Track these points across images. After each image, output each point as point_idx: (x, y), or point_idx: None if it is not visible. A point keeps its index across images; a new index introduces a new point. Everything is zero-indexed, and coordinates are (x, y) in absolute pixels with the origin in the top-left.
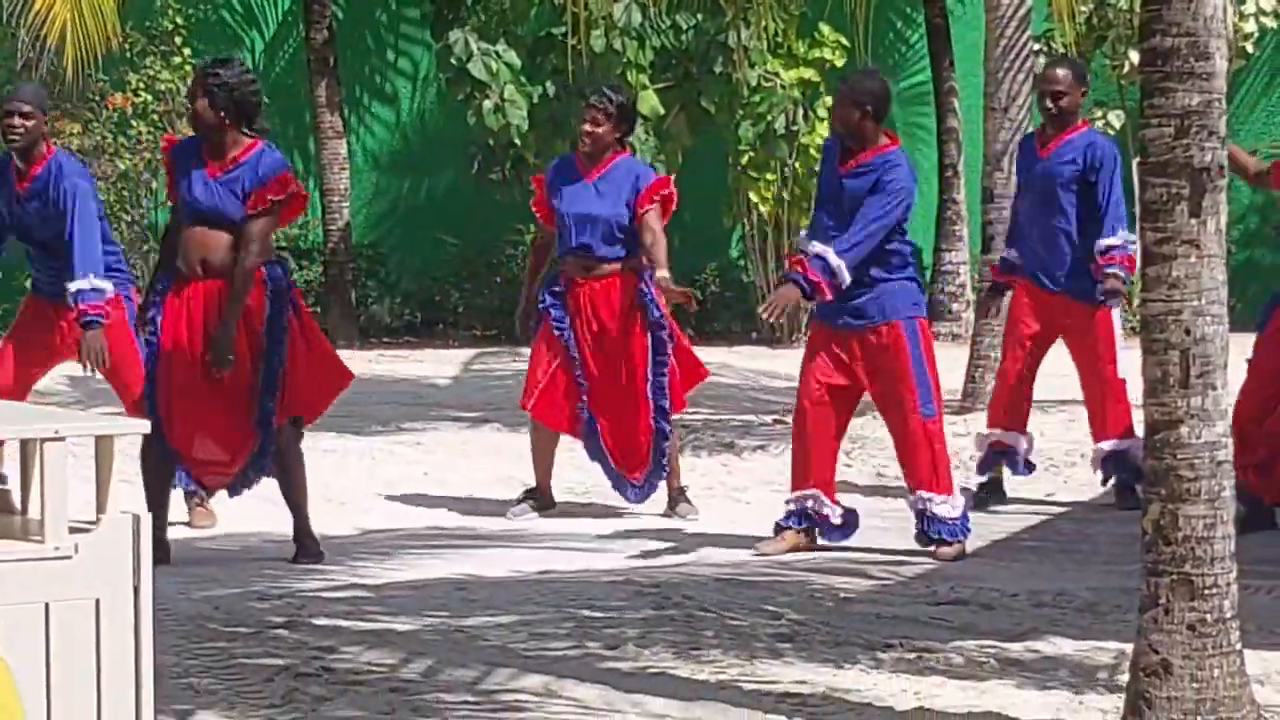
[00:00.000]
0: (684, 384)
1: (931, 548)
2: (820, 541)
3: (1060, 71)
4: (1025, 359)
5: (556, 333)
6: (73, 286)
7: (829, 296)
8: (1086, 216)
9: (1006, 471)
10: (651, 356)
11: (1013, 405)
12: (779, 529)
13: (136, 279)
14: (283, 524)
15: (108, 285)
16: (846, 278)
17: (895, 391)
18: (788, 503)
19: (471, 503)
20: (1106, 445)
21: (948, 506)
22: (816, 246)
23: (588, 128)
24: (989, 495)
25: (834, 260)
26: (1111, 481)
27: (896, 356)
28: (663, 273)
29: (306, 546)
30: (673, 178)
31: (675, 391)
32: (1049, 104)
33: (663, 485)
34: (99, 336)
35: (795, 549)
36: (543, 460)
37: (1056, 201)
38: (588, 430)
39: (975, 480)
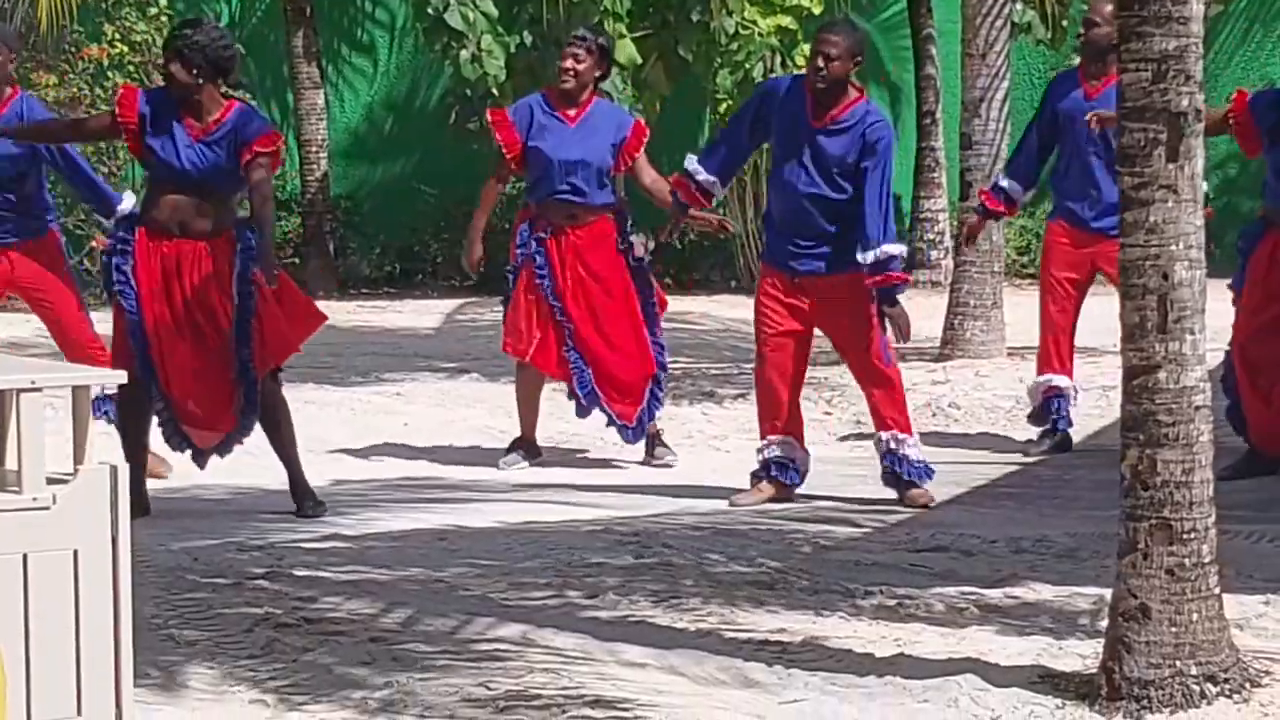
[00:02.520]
0: None
1: (898, 490)
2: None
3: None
4: (1067, 300)
5: (538, 280)
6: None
7: (908, 279)
8: None
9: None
10: (641, 298)
11: (1058, 348)
12: (754, 479)
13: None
14: (260, 475)
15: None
16: (902, 249)
17: (860, 336)
18: (759, 451)
19: (451, 453)
20: None
21: (915, 448)
22: (871, 255)
23: (570, 64)
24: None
25: (892, 250)
26: None
27: (861, 303)
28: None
29: (302, 498)
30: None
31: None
32: (1081, 31)
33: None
34: None
35: (772, 499)
36: (531, 407)
37: (1107, 145)
38: (579, 376)
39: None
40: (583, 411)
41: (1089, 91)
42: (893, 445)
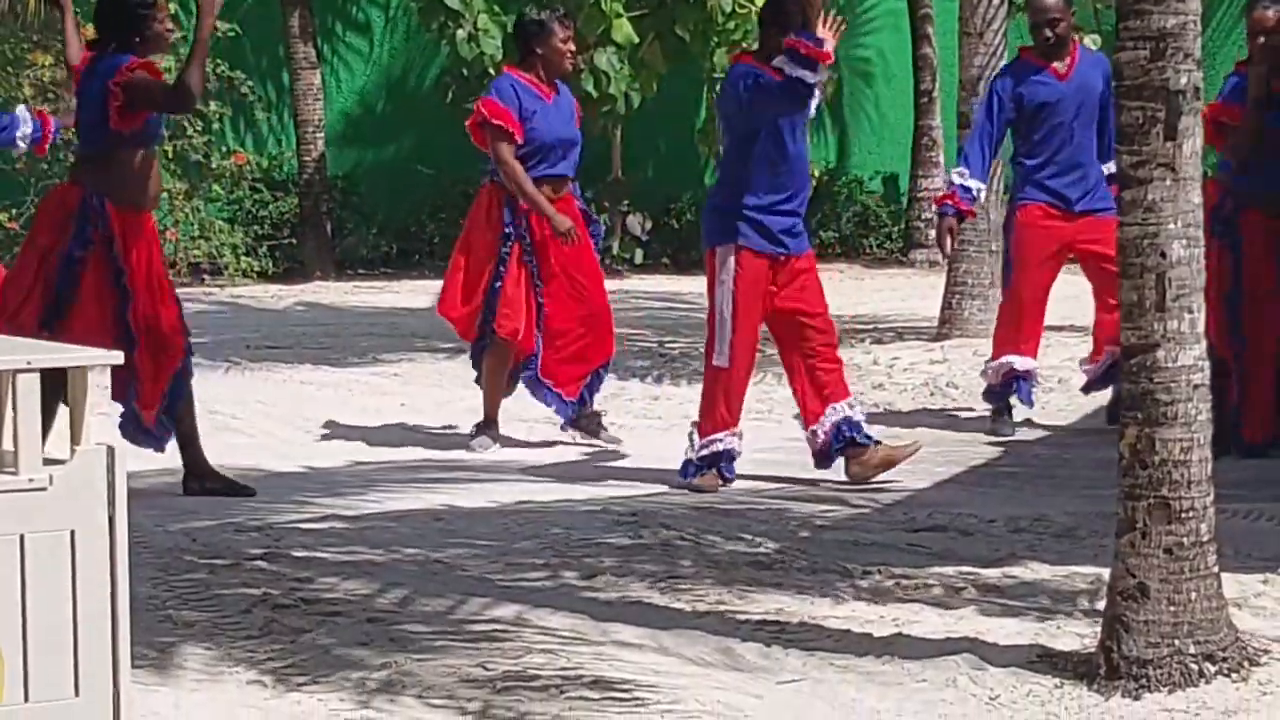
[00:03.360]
0: None
1: (860, 454)
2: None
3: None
4: (1046, 283)
5: (526, 259)
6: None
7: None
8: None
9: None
10: None
11: (1032, 330)
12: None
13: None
14: (256, 455)
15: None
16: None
17: (821, 308)
18: (713, 442)
19: (448, 434)
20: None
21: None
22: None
23: (574, 47)
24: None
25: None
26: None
27: (814, 276)
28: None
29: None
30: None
31: None
32: (1047, 32)
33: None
34: None
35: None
36: (501, 388)
37: (1090, 122)
38: (529, 359)
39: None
40: (511, 389)
41: (1059, 74)
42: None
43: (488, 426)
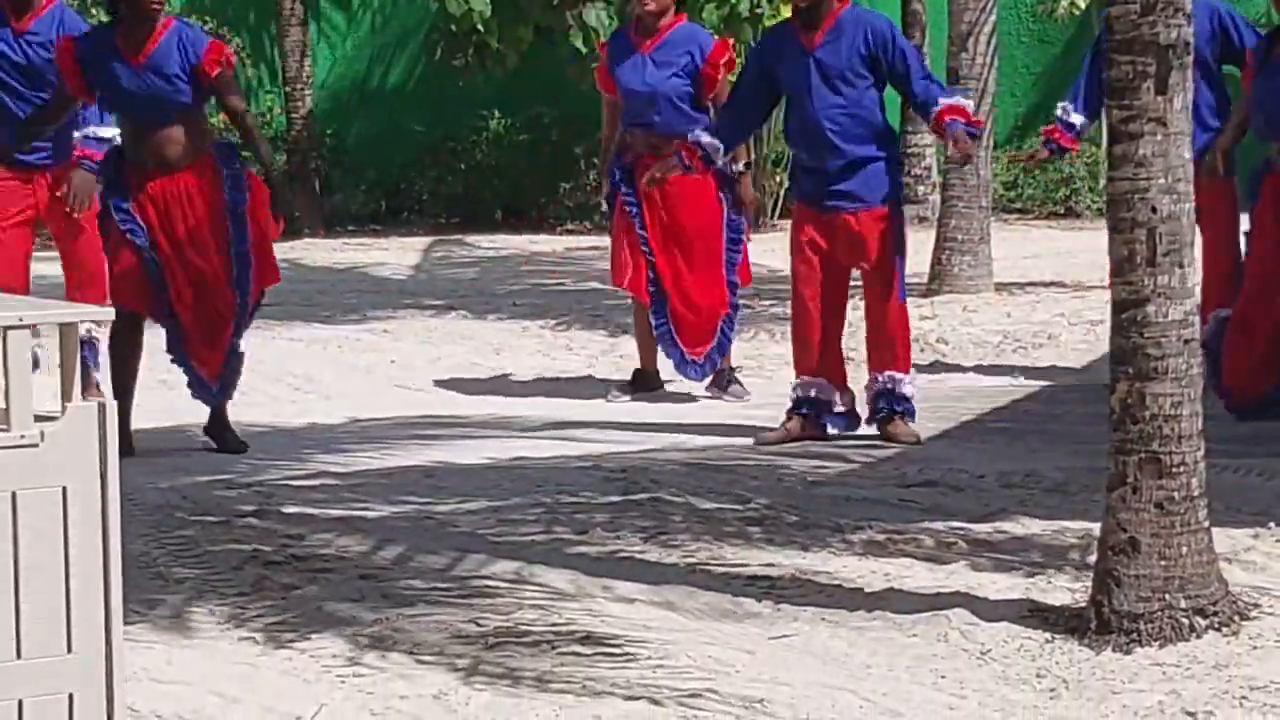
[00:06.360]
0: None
1: (889, 426)
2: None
3: None
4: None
5: (627, 208)
6: (78, 133)
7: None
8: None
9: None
10: (726, 233)
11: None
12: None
13: None
14: (248, 412)
15: (112, 133)
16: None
17: (881, 275)
18: (793, 389)
19: (439, 389)
20: None
21: (910, 385)
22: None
23: (652, 7)
24: None
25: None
26: None
27: (882, 240)
28: (740, 165)
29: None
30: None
31: (742, 270)
32: None
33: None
34: (90, 180)
35: (794, 438)
36: (645, 341)
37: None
38: (657, 306)
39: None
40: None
41: None
42: (890, 385)
43: (638, 378)
